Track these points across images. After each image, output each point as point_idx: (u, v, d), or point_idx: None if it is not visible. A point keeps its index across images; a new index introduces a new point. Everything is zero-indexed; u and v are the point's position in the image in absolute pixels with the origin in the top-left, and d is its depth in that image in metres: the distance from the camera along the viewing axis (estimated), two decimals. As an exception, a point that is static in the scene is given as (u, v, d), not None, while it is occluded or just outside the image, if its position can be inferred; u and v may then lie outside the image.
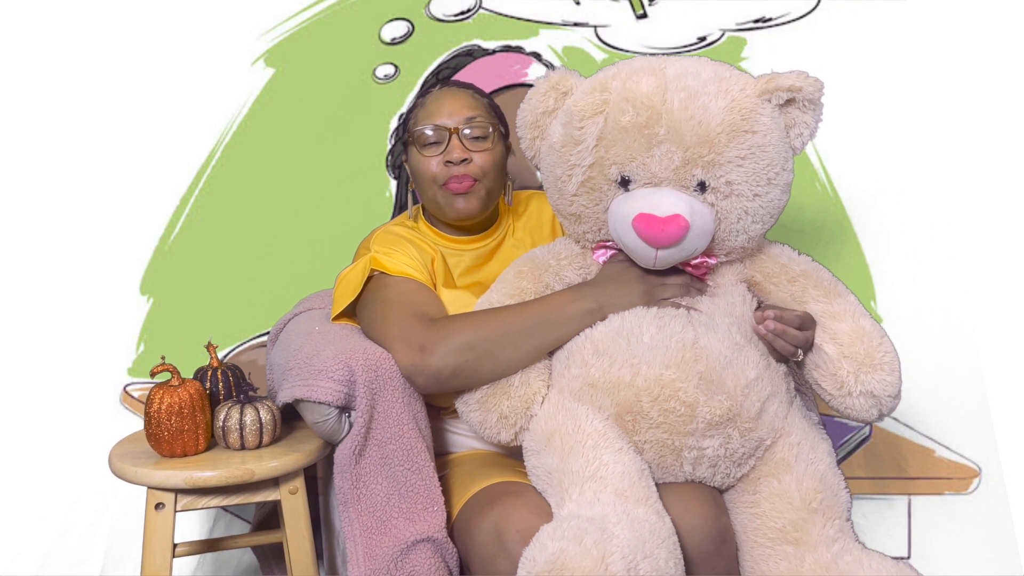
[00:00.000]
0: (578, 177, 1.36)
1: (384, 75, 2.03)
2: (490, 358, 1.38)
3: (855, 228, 2.02)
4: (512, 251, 1.61)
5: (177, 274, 2.00)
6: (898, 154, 2.01)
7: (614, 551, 1.15)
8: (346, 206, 2.02)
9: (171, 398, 1.41)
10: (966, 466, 1.99)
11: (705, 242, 1.34)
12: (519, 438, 1.41)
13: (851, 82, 2.00)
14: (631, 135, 1.31)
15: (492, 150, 1.54)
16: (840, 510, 1.36)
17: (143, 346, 1.99)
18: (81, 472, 1.92)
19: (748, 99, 1.31)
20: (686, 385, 1.30)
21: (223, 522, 1.96)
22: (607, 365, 1.34)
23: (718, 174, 1.31)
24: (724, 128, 1.29)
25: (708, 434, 1.32)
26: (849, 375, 1.32)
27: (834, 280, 1.42)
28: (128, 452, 1.48)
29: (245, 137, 2.02)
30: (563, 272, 1.46)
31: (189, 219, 2.00)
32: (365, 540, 1.38)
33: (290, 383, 1.40)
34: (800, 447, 1.37)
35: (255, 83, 2.01)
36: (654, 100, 1.30)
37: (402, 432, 1.39)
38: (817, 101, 1.34)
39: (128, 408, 1.98)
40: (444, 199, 1.53)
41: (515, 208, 1.68)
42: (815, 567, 1.30)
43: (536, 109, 1.40)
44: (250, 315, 2.00)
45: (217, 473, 1.38)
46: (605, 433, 1.32)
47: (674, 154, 1.30)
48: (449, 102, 1.54)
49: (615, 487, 1.26)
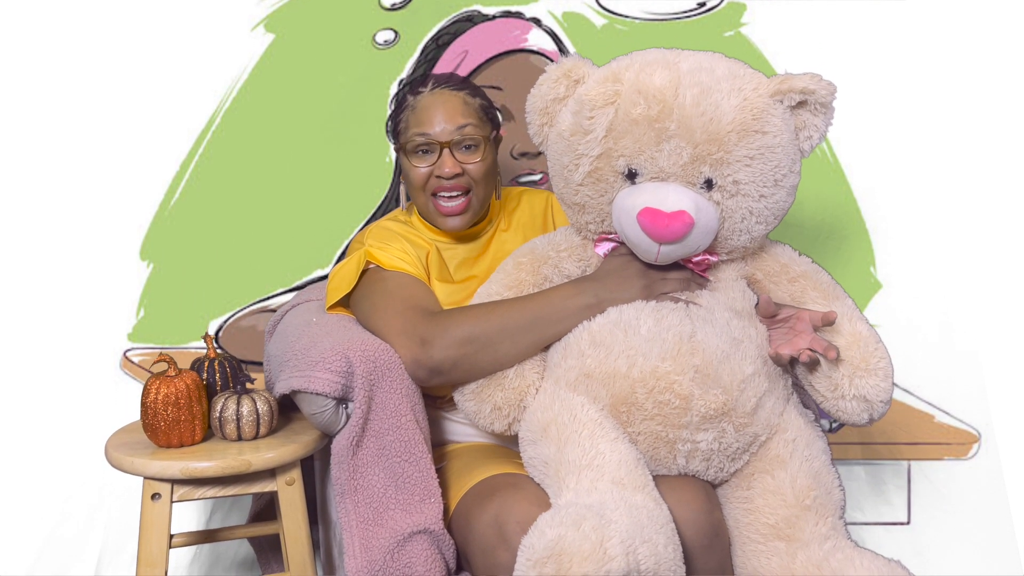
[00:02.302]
0: (585, 167, 1.33)
1: (384, 41, 2.00)
2: (489, 352, 1.37)
3: (855, 194, 2.02)
4: (504, 244, 1.60)
5: (177, 240, 1.97)
6: (882, 113, 2.00)
7: (612, 535, 1.14)
8: (346, 172, 1.98)
9: (168, 388, 1.39)
10: (966, 431, 1.98)
11: (708, 240, 1.32)
12: (513, 428, 1.41)
13: (849, 55, 1.98)
14: (641, 128, 1.29)
15: (484, 160, 1.53)
16: (833, 508, 1.35)
17: (143, 311, 1.97)
18: (80, 444, 1.87)
19: (760, 99, 1.29)
20: (681, 378, 1.29)
21: (220, 513, 1.94)
22: (603, 356, 1.32)
23: (726, 172, 1.29)
24: (735, 127, 1.27)
25: (702, 428, 1.30)
26: (844, 378, 1.31)
27: (833, 283, 1.41)
28: (125, 442, 1.45)
29: (245, 103, 1.98)
30: (562, 264, 1.44)
31: (189, 185, 1.98)
32: (362, 531, 1.37)
33: (287, 374, 1.39)
34: (795, 444, 1.35)
35: (255, 48, 1.98)
36: (666, 94, 1.27)
37: (399, 423, 1.38)
38: (829, 105, 1.32)
39: (128, 373, 1.96)
40: (435, 213, 1.54)
41: (506, 203, 1.67)
42: (807, 564, 1.29)
43: (547, 95, 1.37)
44: (250, 280, 1.98)
45: (214, 464, 1.36)
46: (601, 422, 1.30)
47: (683, 150, 1.28)
48: (441, 109, 1.52)
49: (612, 475, 1.25)
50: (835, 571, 1.27)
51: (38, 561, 1.87)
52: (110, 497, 1.89)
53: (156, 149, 1.97)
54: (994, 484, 1.95)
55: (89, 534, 1.90)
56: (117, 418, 1.80)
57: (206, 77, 1.98)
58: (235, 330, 1.99)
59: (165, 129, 1.97)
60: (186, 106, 1.98)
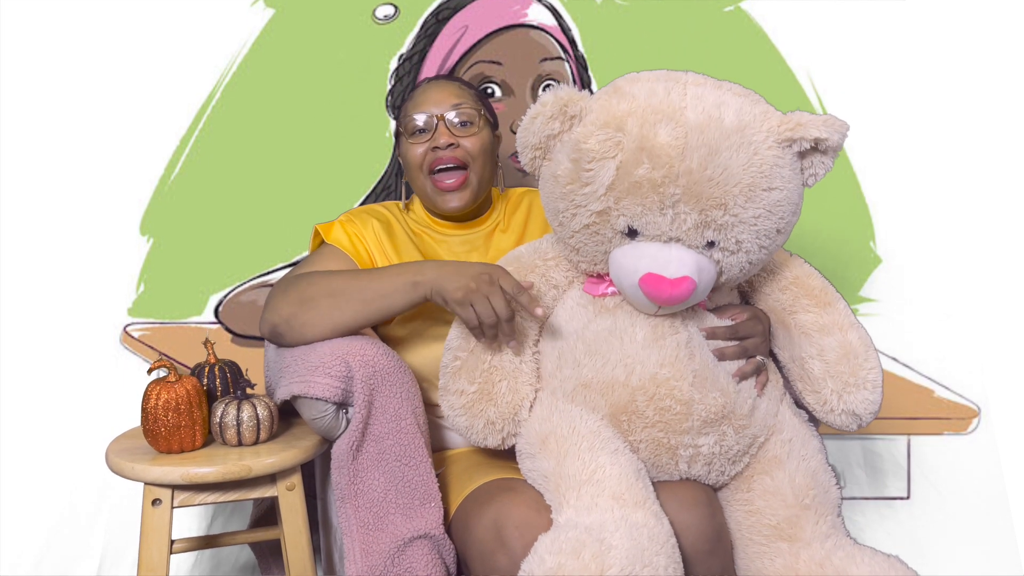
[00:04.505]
0: (583, 219, 1.27)
1: (384, 15, 1.97)
2: (315, 312, 1.38)
3: (854, 168, 2.01)
4: (501, 245, 1.58)
5: (177, 214, 1.95)
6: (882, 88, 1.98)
7: (612, 563, 1.12)
8: (346, 147, 1.96)
9: (168, 394, 1.37)
10: (965, 406, 1.97)
11: (706, 294, 1.30)
12: (507, 442, 1.37)
13: (849, 29, 1.97)
14: (644, 190, 1.21)
15: (479, 134, 1.53)
16: (832, 506, 1.34)
17: (143, 286, 1.95)
18: (81, 422, 1.87)
19: (770, 151, 1.22)
20: (681, 383, 1.27)
21: (221, 518, 1.92)
22: (600, 365, 1.30)
23: (729, 235, 1.24)
24: (742, 188, 1.21)
25: (704, 432, 1.29)
26: (832, 394, 1.32)
27: (825, 286, 1.38)
28: (125, 448, 1.43)
29: (245, 78, 1.96)
30: (550, 273, 1.40)
31: (189, 159, 1.95)
32: (362, 536, 1.35)
33: (287, 380, 1.37)
34: (792, 444, 1.35)
35: (255, 23, 1.95)
36: (672, 156, 1.19)
37: (400, 428, 1.36)
38: (840, 147, 1.26)
39: (128, 348, 1.94)
40: (435, 192, 1.54)
41: (509, 202, 1.65)
42: (810, 564, 1.28)
43: (541, 132, 1.28)
44: (250, 255, 1.96)
45: (214, 469, 1.35)
46: (600, 433, 1.28)
47: (688, 215, 1.22)
48: (436, 93, 1.55)
49: (612, 491, 1.22)
50: (838, 569, 1.26)
51: (39, 566, 1.86)
52: (111, 503, 1.88)
53: (156, 124, 1.95)
54: (993, 458, 1.95)
55: (90, 540, 1.88)
56: (117, 394, 1.81)
57: (206, 52, 1.96)
58: (235, 305, 1.98)
59: (165, 104, 1.95)
60: (186, 81, 1.96)
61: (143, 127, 1.96)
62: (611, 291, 1.34)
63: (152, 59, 1.96)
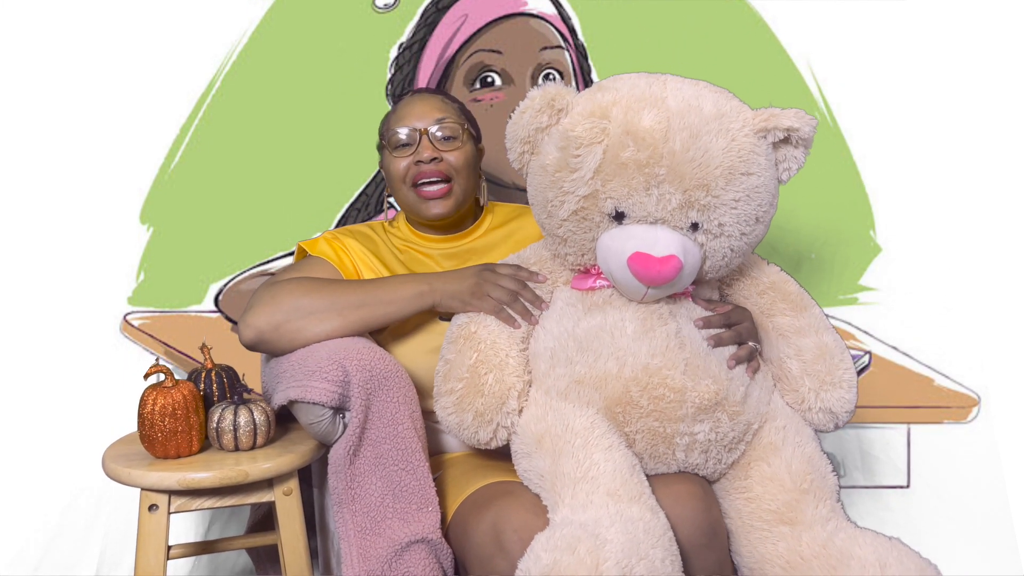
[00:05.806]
0: (571, 205, 1.31)
1: (384, 4, 1.96)
2: (314, 321, 1.38)
3: (854, 157, 2.00)
4: (488, 257, 1.59)
5: (177, 203, 1.94)
6: (882, 77, 1.98)
7: (608, 557, 1.12)
8: (345, 136, 1.95)
9: (164, 399, 1.35)
10: (965, 395, 1.96)
11: (692, 278, 1.33)
12: (499, 437, 1.36)
13: (847, 16, 1.96)
14: (630, 171, 1.26)
15: (462, 148, 1.54)
16: (830, 491, 1.35)
17: (143, 275, 1.94)
18: (79, 412, 1.87)
19: (747, 139, 1.28)
20: (673, 372, 1.28)
21: (218, 524, 1.91)
22: (592, 360, 1.31)
23: (712, 216, 1.28)
24: (722, 171, 1.26)
25: (698, 419, 1.30)
26: (810, 392, 1.37)
27: (800, 292, 1.43)
28: (122, 453, 1.42)
29: (245, 66, 1.94)
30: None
31: (189, 148, 1.94)
32: (359, 541, 1.35)
33: (284, 384, 1.36)
34: (786, 430, 1.36)
35: (255, 12, 1.94)
36: (656, 138, 1.25)
37: (397, 432, 1.35)
38: (810, 140, 1.32)
39: (128, 337, 1.93)
40: (417, 202, 1.54)
41: (497, 218, 1.65)
42: (812, 545, 1.28)
43: (529, 125, 1.32)
44: (250, 244, 1.96)
45: (211, 474, 1.33)
46: (594, 430, 1.28)
47: (672, 195, 1.27)
48: (419, 106, 1.55)
49: (607, 487, 1.23)
50: (840, 550, 1.26)
51: (37, 572, 1.85)
52: (108, 508, 1.86)
53: (156, 113, 1.94)
54: (993, 447, 1.95)
55: (87, 546, 1.87)
56: (118, 387, 1.80)
57: (206, 41, 1.95)
58: (235, 294, 1.97)
59: (165, 93, 1.94)
60: (186, 70, 1.95)
61: (143, 116, 1.94)
62: (599, 284, 1.36)
63: (152, 48, 1.94)
